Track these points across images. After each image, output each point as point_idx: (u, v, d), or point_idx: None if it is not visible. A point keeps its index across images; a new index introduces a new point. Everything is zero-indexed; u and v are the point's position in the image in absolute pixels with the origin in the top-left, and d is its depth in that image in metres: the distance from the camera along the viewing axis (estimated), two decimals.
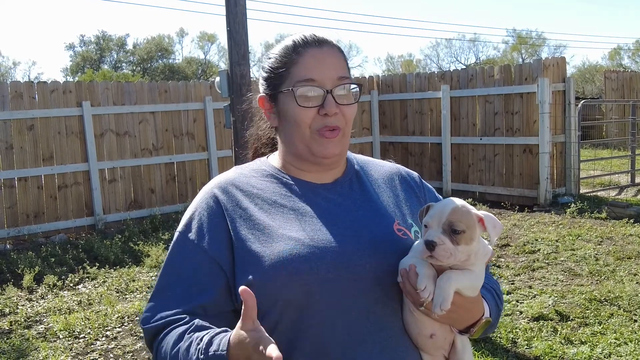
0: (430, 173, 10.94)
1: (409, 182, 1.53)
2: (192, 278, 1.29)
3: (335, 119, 1.32)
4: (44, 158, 8.53)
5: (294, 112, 1.32)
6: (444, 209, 1.22)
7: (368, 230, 1.32)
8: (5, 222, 8.21)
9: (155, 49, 48.93)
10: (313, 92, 1.31)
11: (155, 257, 6.99)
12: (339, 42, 1.39)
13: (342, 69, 1.35)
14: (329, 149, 1.33)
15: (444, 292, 1.18)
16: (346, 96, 1.34)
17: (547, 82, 8.96)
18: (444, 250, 1.18)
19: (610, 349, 4.11)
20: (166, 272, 1.34)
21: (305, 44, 1.34)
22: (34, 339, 4.82)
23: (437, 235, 1.19)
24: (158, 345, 1.26)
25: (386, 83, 11.82)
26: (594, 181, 11.12)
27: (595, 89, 30.24)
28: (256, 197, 1.34)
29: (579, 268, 6.03)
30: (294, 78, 1.32)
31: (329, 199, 1.37)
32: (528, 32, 52.17)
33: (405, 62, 56.18)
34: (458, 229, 1.19)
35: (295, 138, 1.35)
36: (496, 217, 1.26)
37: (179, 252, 1.34)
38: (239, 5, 5.66)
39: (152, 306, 1.30)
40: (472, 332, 1.29)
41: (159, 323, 1.26)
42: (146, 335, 1.30)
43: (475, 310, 1.27)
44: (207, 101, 9.84)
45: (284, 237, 1.26)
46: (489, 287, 1.40)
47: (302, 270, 1.22)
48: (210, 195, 1.36)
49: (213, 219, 1.32)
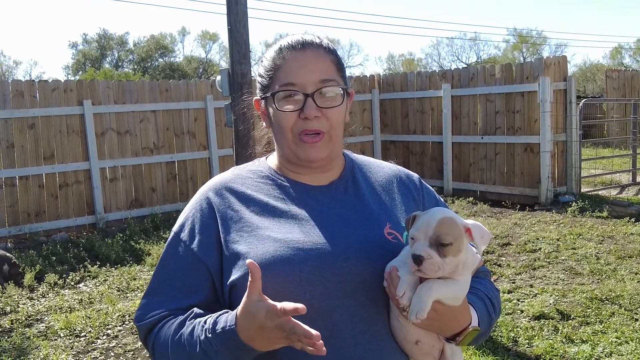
0: (431, 172, 10.94)
1: (408, 185, 1.52)
2: (182, 279, 1.32)
3: (317, 123, 1.31)
4: (45, 157, 8.53)
5: (277, 116, 1.34)
6: (430, 221, 1.20)
7: (357, 234, 1.32)
8: (7, 221, 8.21)
9: (155, 48, 48.93)
10: (293, 96, 1.31)
11: (156, 256, 6.99)
12: (328, 44, 1.38)
13: (326, 72, 1.33)
14: (312, 153, 1.33)
15: (421, 301, 1.17)
16: (330, 99, 1.33)
17: (548, 81, 8.95)
18: (432, 265, 1.17)
19: (612, 347, 4.11)
20: (159, 272, 1.37)
21: (289, 48, 1.34)
22: (35, 337, 4.83)
23: (424, 249, 1.17)
24: (155, 338, 1.28)
25: (387, 82, 11.81)
26: (595, 180, 11.11)
27: (597, 88, 30.23)
28: (249, 199, 1.36)
29: (580, 267, 6.03)
30: (277, 82, 1.33)
31: (322, 201, 1.37)
32: (529, 31, 52.16)
33: (406, 61, 56.20)
34: (445, 242, 1.18)
35: (282, 142, 1.37)
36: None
37: (171, 253, 1.37)
38: (240, 4, 5.66)
39: (145, 304, 1.33)
40: (459, 340, 1.28)
41: (152, 319, 1.30)
42: (141, 332, 1.33)
43: (461, 319, 1.26)
44: (208, 100, 9.84)
45: (270, 238, 1.28)
46: (482, 295, 1.39)
47: (284, 272, 1.23)
48: (204, 198, 1.39)
49: (205, 221, 1.35)
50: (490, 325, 1.39)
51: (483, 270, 1.49)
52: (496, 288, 1.49)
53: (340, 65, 1.38)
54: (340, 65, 1.39)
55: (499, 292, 1.50)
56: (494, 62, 43.26)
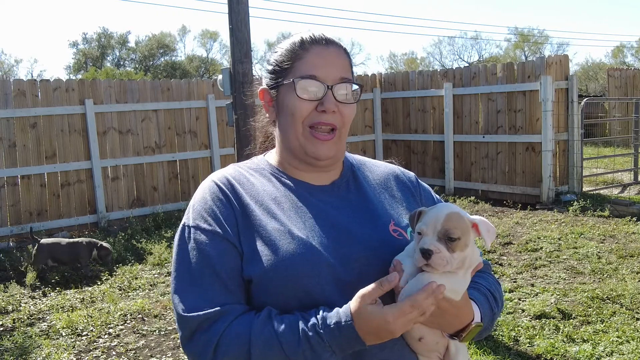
0: (432, 171, 10.94)
1: (405, 182, 1.53)
2: (224, 269, 1.25)
3: (332, 117, 1.33)
4: (47, 156, 8.55)
5: (293, 104, 1.33)
6: (438, 216, 1.21)
7: (364, 232, 1.33)
8: (9, 220, 8.23)
9: (157, 46, 48.92)
10: (314, 87, 1.32)
11: (158, 255, 7.00)
12: (344, 47, 1.41)
13: (345, 71, 1.36)
14: (322, 150, 1.34)
15: (418, 285, 1.17)
16: (346, 96, 1.35)
17: (550, 80, 8.94)
18: (441, 259, 1.17)
19: (613, 347, 4.11)
20: (188, 264, 1.27)
21: (312, 41, 1.36)
22: (37, 336, 4.84)
23: (432, 244, 1.18)
24: (222, 333, 1.18)
25: (389, 81, 11.81)
26: (597, 179, 11.10)
27: (599, 87, 30.17)
28: (256, 195, 1.34)
29: (581, 266, 6.03)
30: (297, 72, 1.33)
31: (326, 201, 1.37)
32: (531, 30, 52.08)
33: (408, 60, 56.13)
34: (454, 236, 1.18)
35: (290, 133, 1.36)
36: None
37: (203, 245, 1.27)
38: (241, 3, 5.66)
39: (191, 296, 1.23)
40: (462, 336, 1.29)
41: (209, 311, 1.20)
42: (190, 323, 1.21)
43: (463, 316, 1.27)
44: (210, 99, 9.85)
45: (286, 238, 1.26)
46: (484, 290, 1.40)
47: (303, 272, 1.23)
48: (214, 186, 1.35)
49: (223, 211, 1.30)
50: (493, 319, 1.40)
51: (484, 263, 1.50)
52: (497, 281, 1.49)
53: (352, 68, 1.41)
54: (352, 69, 1.42)
55: (501, 286, 1.51)
56: (496, 61, 43.22)
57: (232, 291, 1.25)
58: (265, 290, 1.22)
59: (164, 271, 6.60)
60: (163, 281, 6.23)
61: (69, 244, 6.56)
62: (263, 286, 1.22)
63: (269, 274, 1.23)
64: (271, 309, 1.22)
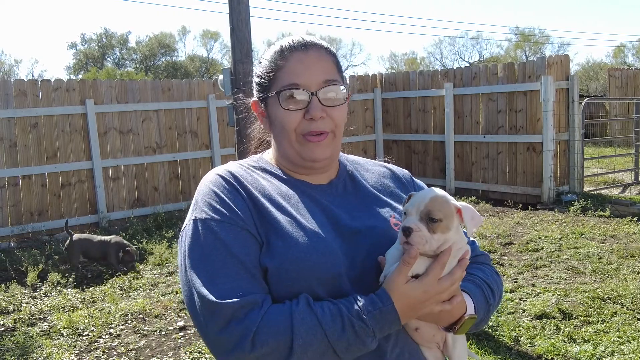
0: (433, 171, 10.94)
1: (401, 178, 1.56)
2: (248, 258, 1.24)
3: (322, 123, 1.32)
4: (48, 156, 8.56)
5: (281, 117, 1.33)
6: (423, 197, 1.26)
7: (367, 227, 1.35)
8: (9, 220, 8.24)
9: (157, 46, 48.93)
10: (298, 96, 1.31)
11: (159, 255, 7.00)
12: (328, 46, 1.38)
13: (329, 73, 1.34)
14: (317, 152, 1.34)
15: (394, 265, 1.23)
16: (334, 99, 1.34)
17: (550, 80, 8.94)
18: (420, 237, 1.21)
19: (614, 347, 4.11)
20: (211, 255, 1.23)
21: (291, 48, 1.34)
22: (38, 336, 4.84)
23: (414, 222, 1.22)
24: (259, 323, 1.15)
25: (389, 81, 11.81)
26: (598, 179, 11.10)
27: (599, 87, 30.14)
28: (262, 189, 1.34)
29: (582, 266, 6.02)
30: (279, 83, 1.32)
31: (327, 199, 1.39)
32: (531, 30, 52.06)
33: (408, 60, 56.11)
34: (435, 217, 1.22)
35: (284, 143, 1.36)
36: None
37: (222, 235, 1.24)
38: (242, 3, 5.66)
39: (220, 286, 1.19)
40: (456, 329, 1.31)
41: (244, 299, 1.17)
42: (225, 311, 1.16)
43: (454, 309, 1.28)
44: (211, 99, 9.85)
45: (298, 230, 1.26)
46: (479, 282, 1.40)
47: (318, 264, 1.23)
48: (220, 179, 1.32)
49: (235, 199, 1.28)
50: (490, 311, 1.41)
51: (482, 254, 1.51)
52: (496, 272, 1.50)
53: (339, 67, 1.40)
54: (339, 67, 1.40)
55: (500, 277, 1.51)
56: (497, 61, 43.21)
57: (259, 280, 1.23)
58: (278, 280, 1.23)
59: (164, 271, 6.60)
60: (164, 281, 6.24)
61: (100, 241, 6.68)
62: (277, 277, 1.23)
63: (285, 264, 1.23)
64: (308, 296, 1.21)
